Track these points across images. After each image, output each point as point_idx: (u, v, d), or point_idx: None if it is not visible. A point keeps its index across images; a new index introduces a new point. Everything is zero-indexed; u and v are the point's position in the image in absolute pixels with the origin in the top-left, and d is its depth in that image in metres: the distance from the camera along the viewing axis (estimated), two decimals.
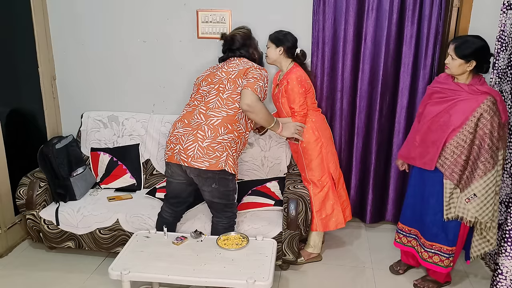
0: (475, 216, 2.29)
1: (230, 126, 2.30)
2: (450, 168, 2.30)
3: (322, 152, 2.68)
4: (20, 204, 2.79)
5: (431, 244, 2.47)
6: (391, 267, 2.79)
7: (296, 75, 2.57)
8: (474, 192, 2.27)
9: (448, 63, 2.28)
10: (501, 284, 2.36)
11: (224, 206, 2.42)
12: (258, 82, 2.30)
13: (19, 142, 3.03)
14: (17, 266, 2.79)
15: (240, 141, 2.37)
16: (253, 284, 1.93)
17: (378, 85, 2.97)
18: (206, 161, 2.25)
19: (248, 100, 2.25)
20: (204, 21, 3.01)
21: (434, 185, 2.38)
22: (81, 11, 3.13)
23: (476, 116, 2.20)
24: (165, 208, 2.57)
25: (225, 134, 2.28)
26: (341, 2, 2.86)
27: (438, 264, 2.47)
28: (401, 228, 2.66)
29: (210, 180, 2.31)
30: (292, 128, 2.53)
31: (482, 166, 2.23)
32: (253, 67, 2.38)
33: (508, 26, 2.57)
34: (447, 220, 2.37)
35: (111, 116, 3.19)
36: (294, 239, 2.61)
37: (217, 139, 2.27)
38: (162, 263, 2.08)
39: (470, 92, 2.24)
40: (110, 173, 3.10)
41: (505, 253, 2.33)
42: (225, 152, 2.28)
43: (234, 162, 2.34)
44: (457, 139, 2.26)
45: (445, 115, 2.30)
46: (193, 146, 2.26)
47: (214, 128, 2.27)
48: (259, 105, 2.28)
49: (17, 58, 3.01)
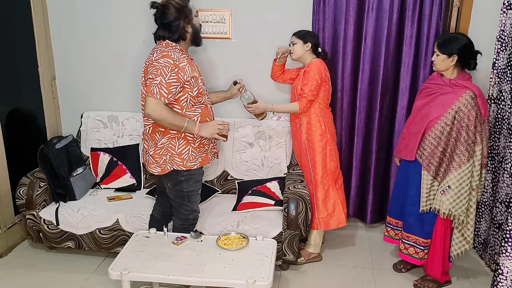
0: (449, 208, 2.36)
1: (163, 129, 2.22)
2: (428, 159, 2.39)
3: (326, 149, 2.68)
4: (20, 204, 2.79)
5: (407, 235, 2.55)
6: (394, 265, 2.81)
7: (317, 65, 2.59)
8: (448, 184, 2.35)
9: (434, 60, 2.39)
10: (502, 285, 2.36)
11: (178, 205, 2.40)
12: (154, 80, 2.07)
13: (19, 142, 3.03)
14: (17, 266, 2.79)
15: (184, 134, 2.24)
16: (253, 284, 1.92)
17: (378, 85, 2.97)
18: (158, 167, 2.28)
19: (148, 109, 2.09)
20: (204, 21, 3.01)
21: (414, 176, 2.47)
22: (81, 11, 3.13)
23: (454, 109, 2.30)
24: (155, 205, 2.61)
25: (162, 138, 2.24)
26: (341, 2, 2.86)
27: (413, 256, 2.56)
28: (389, 221, 2.75)
29: (165, 179, 2.35)
30: (211, 128, 2.25)
31: (457, 159, 2.31)
32: (152, 61, 2.12)
33: (508, 26, 2.57)
34: (422, 212, 2.44)
35: (111, 116, 3.19)
36: (294, 239, 2.60)
37: (158, 146, 2.26)
38: (162, 263, 2.08)
39: (451, 86, 2.35)
40: (110, 173, 3.10)
41: (506, 253, 2.32)
42: (168, 154, 2.25)
43: (186, 158, 2.26)
44: (435, 131, 2.35)
45: (427, 107, 2.42)
46: (146, 154, 2.34)
47: (151, 137, 2.27)
48: (160, 112, 2.08)
49: (17, 58, 3.01)
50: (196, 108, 2.25)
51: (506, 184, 2.53)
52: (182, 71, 2.13)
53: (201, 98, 2.27)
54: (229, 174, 3.07)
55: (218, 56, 3.08)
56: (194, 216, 2.46)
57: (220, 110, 3.12)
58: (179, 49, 2.20)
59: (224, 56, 3.08)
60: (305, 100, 2.59)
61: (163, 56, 2.11)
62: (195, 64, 2.34)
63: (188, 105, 2.21)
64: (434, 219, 2.46)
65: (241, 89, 2.56)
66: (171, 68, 2.09)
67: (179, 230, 2.43)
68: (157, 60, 2.10)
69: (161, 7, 2.17)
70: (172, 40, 2.20)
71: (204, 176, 3.06)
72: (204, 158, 2.35)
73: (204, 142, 2.32)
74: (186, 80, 2.15)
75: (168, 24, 2.17)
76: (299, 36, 2.64)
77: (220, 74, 3.10)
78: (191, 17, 2.22)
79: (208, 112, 2.33)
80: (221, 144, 3.06)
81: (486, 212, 2.80)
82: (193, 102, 2.23)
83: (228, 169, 3.07)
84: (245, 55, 3.06)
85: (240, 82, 2.55)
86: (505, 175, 2.52)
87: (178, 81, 2.12)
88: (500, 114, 2.62)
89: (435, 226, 2.47)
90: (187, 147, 2.26)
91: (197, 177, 2.37)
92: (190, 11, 2.21)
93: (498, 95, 2.65)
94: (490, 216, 2.75)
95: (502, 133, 2.60)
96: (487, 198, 2.78)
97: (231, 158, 3.06)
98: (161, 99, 2.08)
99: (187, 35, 2.23)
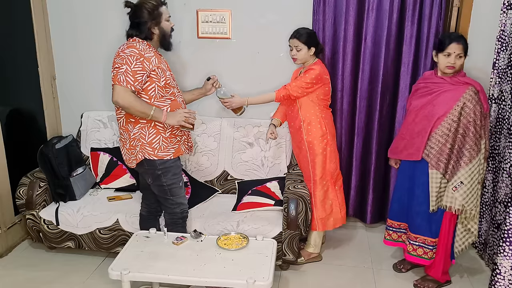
0: (462, 204, 2.36)
1: (133, 119, 2.29)
2: (436, 157, 2.37)
3: (326, 150, 2.68)
4: (20, 204, 2.79)
5: (415, 236, 2.53)
6: (394, 266, 2.81)
7: (320, 69, 2.58)
8: (461, 179, 2.34)
9: (453, 63, 2.32)
10: (499, 284, 2.36)
11: (164, 200, 2.45)
12: (120, 69, 2.16)
13: (19, 142, 3.03)
14: (17, 266, 2.79)
15: (154, 122, 2.28)
16: (253, 284, 1.92)
17: (378, 85, 2.97)
18: (134, 159, 2.35)
19: (115, 96, 2.17)
20: (204, 21, 3.01)
21: (420, 175, 2.45)
22: (81, 11, 3.13)
23: (459, 105, 2.31)
24: (141, 203, 2.64)
25: (134, 128, 2.30)
26: (341, 2, 2.86)
27: (422, 256, 2.53)
28: (390, 224, 2.71)
29: (145, 175, 2.41)
30: (178, 116, 2.29)
31: (467, 154, 2.32)
32: (118, 53, 2.22)
33: (508, 26, 2.57)
34: (432, 211, 2.42)
35: (111, 116, 3.19)
36: (294, 239, 2.60)
37: (131, 137, 2.32)
38: (162, 263, 2.08)
39: (453, 83, 2.35)
40: (110, 173, 3.10)
41: (504, 253, 2.33)
42: (139, 143, 2.30)
43: (157, 147, 2.30)
44: (442, 128, 2.34)
45: (429, 106, 2.40)
46: (123, 150, 2.41)
47: (125, 129, 2.34)
48: (128, 99, 2.16)
49: (17, 58, 3.01)
50: (165, 99, 2.32)
51: (505, 184, 2.53)
52: (147, 60, 2.22)
53: (169, 90, 2.34)
54: (229, 174, 3.08)
55: (218, 56, 3.08)
56: (182, 209, 2.48)
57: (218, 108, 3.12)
58: (146, 43, 2.29)
59: (224, 56, 3.08)
60: (285, 92, 2.59)
61: (128, 47, 2.22)
62: (164, 60, 2.41)
63: (156, 95, 2.28)
64: (441, 217, 2.45)
65: (215, 84, 2.62)
66: (136, 57, 2.19)
67: (169, 225, 2.46)
68: (123, 51, 2.21)
69: (134, 7, 2.29)
70: (140, 38, 2.30)
71: (204, 176, 3.08)
72: (177, 149, 2.39)
73: (175, 133, 2.38)
74: (152, 69, 2.23)
75: (138, 24, 2.28)
76: (304, 41, 2.57)
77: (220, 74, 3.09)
78: (160, 20, 2.31)
79: (178, 105, 2.38)
80: (221, 144, 3.07)
81: (487, 212, 2.80)
82: (162, 93, 2.30)
83: (228, 169, 3.07)
84: (245, 55, 3.06)
85: (214, 77, 2.62)
86: (504, 175, 2.52)
87: (144, 70, 2.20)
88: (500, 114, 2.62)
89: (442, 224, 2.46)
90: (158, 137, 2.32)
91: (175, 169, 2.40)
92: (161, 14, 2.31)
93: (498, 95, 2.65)
94: (490, 216, 2.75)
95: (502, 133, 2.60)
96: (488, 198, 2.78)
97: (231, 158, 3.06)
98: (127, 87, 2.17)
99: (154, 36, 2.33)
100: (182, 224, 2.50)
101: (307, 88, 2.58)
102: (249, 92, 2.96)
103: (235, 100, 2.60)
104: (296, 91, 2.58)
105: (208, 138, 3.07)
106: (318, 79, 2.57)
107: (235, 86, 2.99)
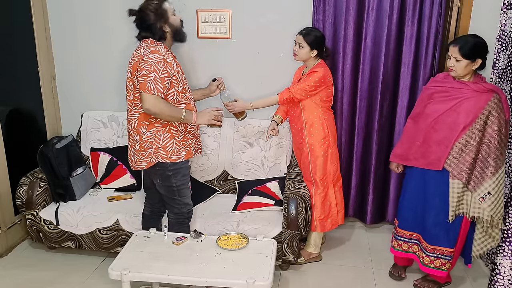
0: (491, 214, 2.27)
1: (148, 122, 2.28)
2: (458, 167, 2.27)
3: (327, 152, 2.68)
4: (20, 204, 2.79)
5: (433, 248, 2.43)
6: (391, 274, 2.73)
7: (324, 72, 2.57)
8: (488, 190, 2.25)
9: (453, 65, 2.24)
10: (499, 284, 2.36)
11: (170, 200, 2.44)
12: (149, 77, 2.14)
13: (19, 142, 3.03)
14: (17, 266, 2.79)
15: (169, 126, 2.30)
16: (253, 284, 1.93)
17: (378, 85, 2.97)
18: (144, 161, 2.33)
19: (146, 104, 2.16)
20: (204, 21, 3.01)
21: (439, 185, 2.34)
22: (81, 11, 3.13)
23: (485, 114, 2.20)
24: (145, 203, 2.63)
25: (147, 131, 2.29)
26: (341, 2, 2.86)
27: (440, 268, 2.45)
28: (401, 234, 2.57)
29: (153, 175, 2.40)
30: (207, 115, 2.35)
31: (493, 163, 2.23)
32: (143, 57, 2.18)
33: (508, 26, 2.57)
34: (451, 220, 2.34)
35: (111, 116, 3.19)
36: (294, 239, 2.60)
37: (143, 139, 2.30)
38: (162, 263, 2.08)
39: (476, 90, 2.23)
40: (110, 173, 3.10)
41: (503, 253, 2.33)
42: (153, 147, 2.29)
43: (170, 151, 2.31)
44: (466, 137, 2.24)
45: (453, 114, 2.27)
46: (131, 151, 2.38)
47: (136, 131, 2.32)
48: (159, 106, 2.16)
49: (17, 58, 3.01)
50: (181, 104, 2.32)
51: (505, 184, 2.52)
52: (170, 66, 2.22)
53: (185, 94, 2.35)
54: (229, 174, 3.08)
55: (218, 56, 3.08)
56: (188, 210, 2.49)
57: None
58: (163, 46, 2.28)
59: (224, 56, 3.08)
60: (288, 95, 2.58)
61: (152, 52, 2.18)
62: (178, 62, 2.40)
63: (174, 100, 2.28)
64: (459, 225, 2.37)
65: (219, 86, 2.61)
66: (162, 64, 2.18)
67: (174, 225, 2.45)
68: (147, 56, 2.17)
69: (137, 13, 2.27)
70: (155, 39, 2.28)
71: (204, 176, 3.08)
72: (188, 151, 2.40)
73: (187, 136, 2.39)
74: (173, 74, 2.24)
75: (149, 26, 2.26)
76: (309, 42, 2.56)
77: (220, 74, 3.09)
78: (168, 16, 2.29)
79: (191, 108, 2.39)
80: (221, 144, 3.07)
81: None
82: (179, 98, 2.30)
83: (228, 169, 3.07)
84: (245, 55, 3.06)
85: (219, 79, 2.61)
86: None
87: (169, 76, 2.21)
88: None
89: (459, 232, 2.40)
90: (171, 140, 2.32)
91: (184, 171, 2.40)
92: (166, 10, 2.28)
93: None
94: None
95: None
96: None
97: (231, 158, 3.06)
98: (158, 94, 2.16)
99: (167, 35, 2.31)
100: (187, 224, 2.51)
101: (311, 91, 2.58)
102: (250, 92, 2.97)
103: (238, 105, 2.57)
104: (299, 94, 2.58)
105: (208, 138, 3.07)
106: (321, 81, 2.57)
107: (236, 87, 2.99)
